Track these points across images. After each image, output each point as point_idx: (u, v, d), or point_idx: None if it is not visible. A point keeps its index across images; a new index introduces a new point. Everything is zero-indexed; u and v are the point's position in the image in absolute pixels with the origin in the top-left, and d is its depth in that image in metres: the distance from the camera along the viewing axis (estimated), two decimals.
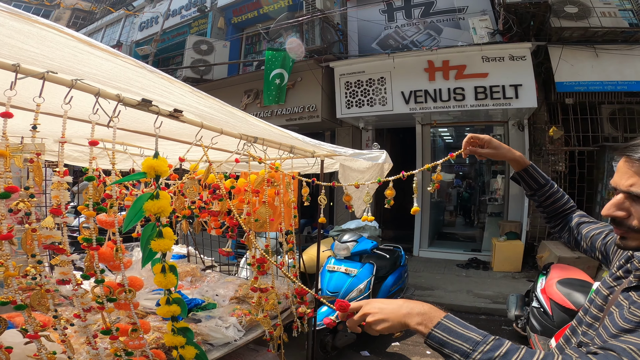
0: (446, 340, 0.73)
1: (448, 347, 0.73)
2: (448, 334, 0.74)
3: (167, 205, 1.25)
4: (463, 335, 0.73)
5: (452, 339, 0.73)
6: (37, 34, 1.06)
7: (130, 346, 1.25)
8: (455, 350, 0.72)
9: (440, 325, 0.75)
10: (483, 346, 0.70)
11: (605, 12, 5.97)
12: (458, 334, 0.73)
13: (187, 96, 1.29)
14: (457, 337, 0.73)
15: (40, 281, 1.08)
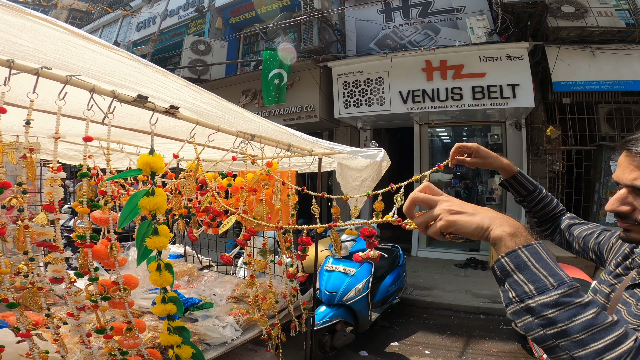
0: (529, 265, 0.62)
1: (525, 274, 0.61)
2: (535, 260, 0.62)
3: (163, 202, 1.24)
4: (551, 268, 0.61)
5: (537, 267, 0.61)
6: (30, 28, 1.04)
7: (125, 345, 1.23)
8: (533, 281, 0.61)
9: (531, 248, 0.63)
10: (566, 288, 0.59)
11: (601, 12, 5.99)
12: (545, 264, 0.62)
13: (183, 91, 1.27)
14: (543, 267, 0.61)
15: (32, 279, 1.06)
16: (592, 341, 0.57)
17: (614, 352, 0.56)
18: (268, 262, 1.94)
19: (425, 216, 0.72)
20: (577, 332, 0.58)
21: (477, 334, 4.30)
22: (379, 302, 4.02)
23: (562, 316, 0.58)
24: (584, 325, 0.58)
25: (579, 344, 0.58)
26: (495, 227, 0.66)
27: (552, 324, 0.59)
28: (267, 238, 1.94)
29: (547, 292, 0.60)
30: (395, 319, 4.71)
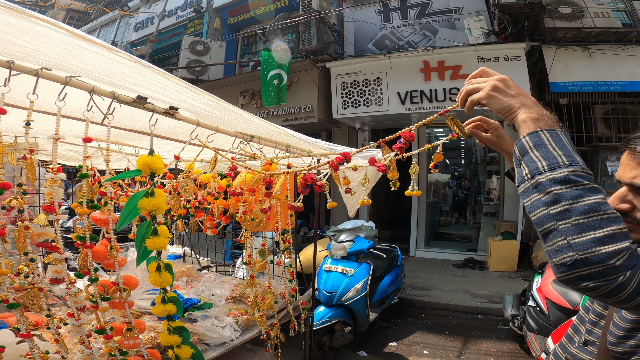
0: (546, 144, 0.63)
1: (541, 151, 0.63)
2: (554, 141, 0.64)
3: (162, 202, 1.24)
4: (567, 150, 0.63)
5: (554, 146, 0.63)
6: (31, 29, 1.05)
7: (125, 346, 1.23)
8: (547, 157, 0.62)
9: (552, 132, 0.65)
10: (577, 168, 0.60)
11: (598, 13, 6.02)
12: (562, 146, 0.63)
13: (183, 92, 1.28)
14: (559, 148, 0.63)
15: (32, 279, 1.06)
16: (591, 228, 0.55)
17: (612, 246, 0.54)
18: (267, 263, 1.94)
19: (474, 84, 0.78)
20: (579, 215, 0.56)
21: (475, 334, 4.32)
22: (378, 302, 4.04)
23: (568, 194, 0.57)
24: (587, 208, 0.56)
25: (578, 228, 0.56)
26: (522, 111, 0.69)
27: (557, 201, 0.58)
28: (266, 239, 1.95)
29: (558, 168, 0.60)
30: (393, 319, 4.72)
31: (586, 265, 0.54)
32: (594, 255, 0.54)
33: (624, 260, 0.54)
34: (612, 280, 0.54)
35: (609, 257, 0.54)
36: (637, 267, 0.55)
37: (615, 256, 0.54)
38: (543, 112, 0.70)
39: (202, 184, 2.08)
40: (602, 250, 0.54)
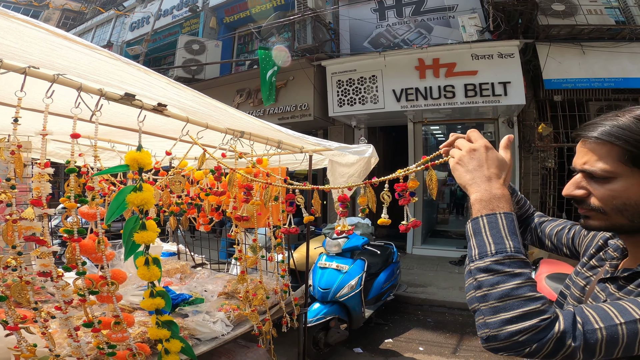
0: (482, 232, 0.71)
1: (477, 239, 0.71)
2: (489, 228, 0.70)
3: (150, 197, 1.25)
4: (499, 237, 0.69)
5: (488, 234, 0.70)
6: (15, 29, 1.06)
7: (113, 339, 1.25)
8: (479, 246, 0.70)
9: (491, 217, 0.71)
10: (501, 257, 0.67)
11: (591, 10, 6.05)
12: (496, 233, 0.69)
13: (168, 89, 1.29)
14: (492, 235, 0.69)
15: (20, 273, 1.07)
16: (503, 310, 0.63)
17: (517, 325, 0.61)
18: (258, 258, 1.96)
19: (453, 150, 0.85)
20: (494, 299, 0.64)
21: (471, 331, 4.34)
22: (373, 299, 4.05)
23: (488, 282, 0.65)
24: (502, 294, 0.64)
25: (492, 310, 0.64)
26: (472, 191, 0.76)
27: (480, 287, 0.66)
28: (257, 234, 1.96)
29: (485, 257, 0.67)
30: (389, 316, 4.74)
31: (496, 341, 0.64)
32: (502, 332, 0.63)
33: (530, 336, 0.62)
34: (520, 351, 0.63)
35: (514, 334, 0.62)
36: (548, 338, 0.61)
37: (519, 333, 0.62)
38: (492, 189, 0.74)
39: (194, 180, 2.09)
40: (509, 329, 0.62)
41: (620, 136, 0.70)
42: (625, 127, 0.71)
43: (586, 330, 0.61)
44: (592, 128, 0.75)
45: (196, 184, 2.08)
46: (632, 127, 0.70)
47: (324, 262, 3.76)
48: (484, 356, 3.74)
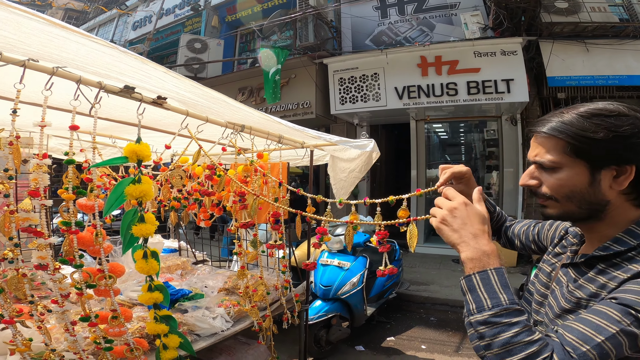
0: (477, 288, 0.76)
1: (473, 295, 0.76)
2: (483, 284, 0.76)
3: (149, 189, 1.24)
4: (494, 292, 0.75)
5: (482, 290, 0.76)
6: (13, 20, 1.05)
7: (110, 334, 1.23)
8: (476, 301, 0.76)
9: (483, 274, 0.77)
10: (498, 310, 0.73)
11: (595, 7, 6.01)
12: (490, 288, 0.76)
13: (166, 80, 1.28)
14: (486, 291, 0.76)
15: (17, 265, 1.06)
16: (507, 355, 0.71)
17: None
18: (259, 254, 1.94)
19: (433, 210, 0.90)
20: (498, 347, 0.71)
21: None
22: (375, 297, 4.03)
23: (489, 332, 0.72)
24: (504, 342, 0.71)
25: (498, 356, 0.72)
26: (462, 249, 0.81)
27: (482, 337, 0.73)
28: (257, 229, 1.95)
29: (483, 311, 0.74)
30: (391, 314, 4.73)
31: None
32: None
33: None
34: None
35: None
36: None
37: None
38: (481, 247, 0.81)
39: (194, 175, 2.08)
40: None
41: (564, 130, 0.79)
42: (569, 122, 0.80)
43: (578, 354, 0.68)
44: (542, 124, 0.83)
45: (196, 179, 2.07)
46: (575, 123, 0.79)
47: (326, 259, 3.74)
48: None
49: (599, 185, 0.80)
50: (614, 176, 0.79)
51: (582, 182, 0.80)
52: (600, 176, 0.79)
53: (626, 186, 0.79)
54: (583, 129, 0.78)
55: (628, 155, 0.78)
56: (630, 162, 0.78)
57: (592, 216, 0.83)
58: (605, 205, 0.81)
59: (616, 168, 0.79)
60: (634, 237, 0.80)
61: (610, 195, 0.80)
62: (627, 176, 0.79)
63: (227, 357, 2.23)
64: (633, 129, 0.77)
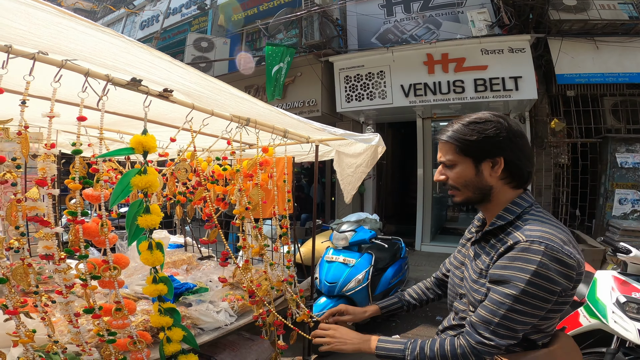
0: (386, 351, 1.12)
1: (391, 353, 1.11)
2: (385, 348, 1.13)
3: (155, 180, 1.24)
4: (395, 344, 1.12)
5: (390, 349, 1.12)
6: (24, 11, 1.06)
7: (114, 326, 1.24)
8: (396, 351, 1.10)
9: (378, 345, 1.15)
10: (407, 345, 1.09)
11: (604, 5, 5.92)
12: (392, 345, 1.12)
13: (172, 70, 1.28)
14: (392, 347, 1.12)
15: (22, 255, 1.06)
16: None
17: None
18: (262, 248, 1.94)
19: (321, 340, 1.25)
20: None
21: None
22: (380, 295, 4.01)
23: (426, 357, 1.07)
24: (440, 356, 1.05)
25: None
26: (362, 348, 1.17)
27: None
28: (261, 223, 1.95)
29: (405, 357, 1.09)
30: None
31: None
32: None
33: None
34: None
35: None
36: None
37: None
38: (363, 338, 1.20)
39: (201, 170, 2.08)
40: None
41: (453, 137, 1.07)
42: (456, 130, 1.07)
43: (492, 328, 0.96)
44: (442, 133, 1.11)
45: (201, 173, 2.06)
46: (459, 130, 1.07)
47: (331, 256, 3.73)
48: None
49: (482, 175, 1.06)
50: (491, 167, 1.05)
51: (471, 173, 1.07)
52: (481, 167, 1.06)
53: (500, 173, 1.05)
54: (464, 134, 1.05)
55: (495, 150, 1.04)
56: (499, 155, 1.04)
57: (484, 199, 1.09)
58: (490, 189, 1.07)
59: (491, 160, 1.04)
60: (510, 213, 1.05)
61: (492, 182, 1.06)
62: (499, 165, 1.04)
63: (231, 352, 2.24)
64: (496, 131, 1.03)
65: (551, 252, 0.91)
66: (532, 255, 0.92)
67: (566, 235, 0.98)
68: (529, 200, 1.07)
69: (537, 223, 0.99)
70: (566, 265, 0.91)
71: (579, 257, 0.94)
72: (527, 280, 0.90)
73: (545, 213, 1.05)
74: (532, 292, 0.91)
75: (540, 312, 0.93)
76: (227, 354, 2.19)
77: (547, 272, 0.90)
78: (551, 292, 0.91)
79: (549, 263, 0.90)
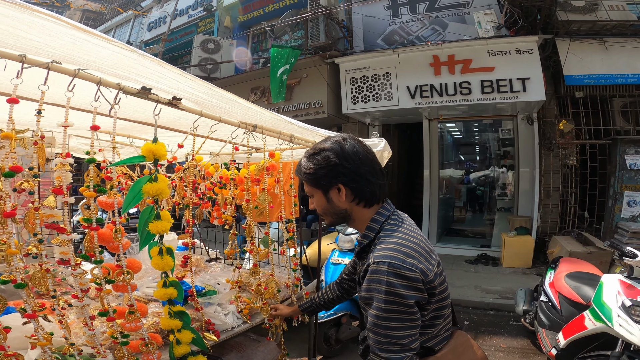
0: None
1: None
2: None
3: (165, 187, 1.28)
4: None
5: None
6: (39, 24, 1.10)
7: (127, 328, 1.27)
8: None
9: None
10: None
11: (613, 6, 5.86)
12: None
13: (181, 81, 1.31)
14: None
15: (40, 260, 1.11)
16: None
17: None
18: (270, 251, 1.97)
19: None
20: None
21: (486, 330, 4.27)
22: None
23: None
24: None
25: None
26: None
27: None
28: (269, 227, 1.98)
29: None
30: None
31: None
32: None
33: None
34: None
35: None
36: None
37: None
38: None
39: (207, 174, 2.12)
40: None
41: (299, 171, 1.15)
42: (302, 165, 1.14)
43: None
44: (298, 168, 1.17)
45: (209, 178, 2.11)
46: (304, 164, 1.13)
47: (337, 258, 3.75)
48: (498, 355, 3.68)
49: (333, 201, 1.11)
50: (337, 193, 1.09)
51: (324, 202, 1.13)
52: (330, 195, 1.11)
53: (345, 198, 1.09)
54: (307, 168, 1.11)
55: (332, 179, 1.08)
56: (336, 182, 1.08)
57: (346, 220, 1.15)
58: (345, 212, 1.12)
59: (336, 187, 1.09)
60: (371, 230, 1.10)
61: (344, 206, 1.11)
62: (342, 191, 1.09)
63: (238, 353, 2.27)
64: (327, 160, 1.07)
65: (394, 269, 0.96)
66: (380, 276, 0.97)
67: (412, 245, 1.02)
68: (385, 213, 1.12)
69: (386, 239, 1.04)
70: (408, 278, 0.96)
71: (422, 266, 0.99)
72: (384, 300, 0.96)
73: (398, 221, 1.11)
74: (392, 308, 0.96)
75: (413, 323, 0.98)
76: (233, 355, 2.22)
77: (395, 290, 0.95)
78: (407, 305, 0.96)
79: (394, 281, 0.95)
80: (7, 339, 1.03)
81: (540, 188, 6.67)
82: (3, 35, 1.08)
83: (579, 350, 2.63)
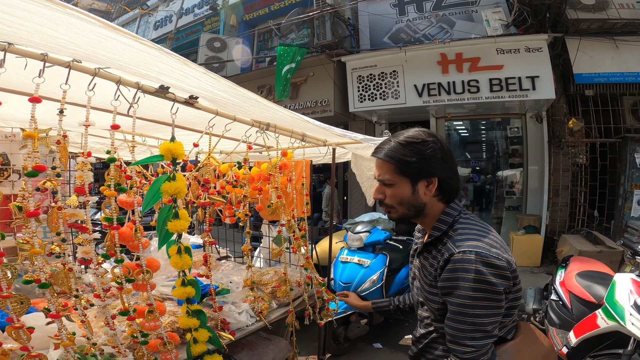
0: None
1: None
2: None
3: (183, 186, 1.29)
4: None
5: None
6: (66, 21, 1.08)
7: (146, 328, 1.29)
8: None
9: None
10: None
11: (623, 4, 5.79)
12: None
13: (202, 79, 1.32)
14: None
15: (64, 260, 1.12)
16: None
17: None
18: (283, 250, 1.98)
19: None
20: None
21: None
22: (394, 295, 4.02)
23: None
24: None
25: None
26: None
27: None
28: (282, 226, 1.98)
29: None
30: (409, 312, 4.70)
31: None
32: None
33: None
34: None
35: None
36: None
37: None
38: None
39: (220, 173, 2.13)
40: None
41: (392, 156, 1.08)
42: (395, 149, 1.09)
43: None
44: (379, 151, 1.12)
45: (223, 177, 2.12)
46: (399, 150, 1.08)
47: (346, 257, 3.76)
48: None
49: (418, 194, 1.10)
50: (426, 186, 1.09)
51: (407, 193, 1.10)
52: (417, 187, 1.09)
53: (433, 191, 1.10)
54: (403, 154, 1.08)
55: (431, 170, 1.08)
56: (434, 175, 1.08)
57: (418, 215, 1.14)
58: (424, 206, 1.12)
59: (426, 180, 1.09)
60: (444, 223, 1.10)
61: (425, 199, 1.11)
62: (434, 185, 1.09)
63: (250, 351, 2.29)
64: (432, 152, 1.07)
65: (482, 258, 0.98)
66: (467, 265, 0.99)
67: (492, 237, 1.05)
68: (457, 208, 1.14)
69: (465, 231, 1.07)
70: (497, 267, 0.99)
71: (506, 256, 1.02)
72: (472, 287, 0.97)
73: (472, 218, 1.13)
74: (480, 295, 0.97)
75: (498, 310, 1.00)
76: (245, 353, 2.24)
77: (484, 277, 0.97)
78: (496, 292, 0.98)
79: (483, 269, 0.97)
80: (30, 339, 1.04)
81: (549, 186, 6.62)
82: (28, 33, 1.07)
83: (591, 349, 2.62)
